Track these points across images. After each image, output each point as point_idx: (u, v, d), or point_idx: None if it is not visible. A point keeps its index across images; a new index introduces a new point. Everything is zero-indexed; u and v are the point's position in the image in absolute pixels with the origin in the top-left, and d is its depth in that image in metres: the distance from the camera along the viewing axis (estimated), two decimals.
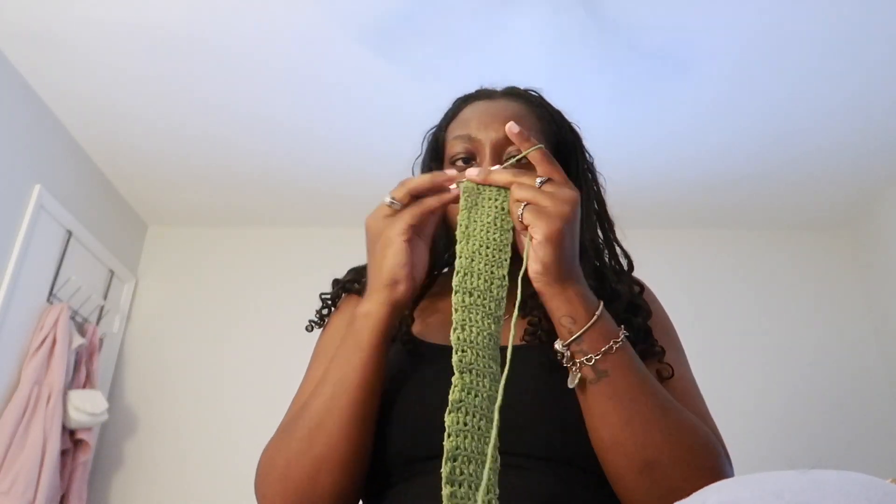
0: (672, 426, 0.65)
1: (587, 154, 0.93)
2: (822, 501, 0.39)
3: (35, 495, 2.15)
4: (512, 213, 0.68)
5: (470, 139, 0.82)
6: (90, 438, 2.49)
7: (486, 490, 0.52)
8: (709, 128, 2.50)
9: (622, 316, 0.76)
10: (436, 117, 0.96)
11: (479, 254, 0.67)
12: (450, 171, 0.73)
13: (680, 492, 0.60)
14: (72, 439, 2.45)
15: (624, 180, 2.55)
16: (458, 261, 0.66)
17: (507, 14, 2.04)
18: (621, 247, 0.89)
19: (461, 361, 0.60)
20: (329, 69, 2.26)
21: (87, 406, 2.41)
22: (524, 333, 0.77)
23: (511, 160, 0.75)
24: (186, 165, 2.78)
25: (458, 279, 0.65)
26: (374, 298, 0.71)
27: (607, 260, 0.88)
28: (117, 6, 2.02)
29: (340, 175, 2.79)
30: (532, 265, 0.65)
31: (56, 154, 2.55)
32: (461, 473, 0.54)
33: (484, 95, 0.91)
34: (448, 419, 0.56)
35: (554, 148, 0.86)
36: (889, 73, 2.22)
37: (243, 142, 2.62)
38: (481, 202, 0.69)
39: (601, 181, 0.92)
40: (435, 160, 0.92)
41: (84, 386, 2.53)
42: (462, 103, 0.92)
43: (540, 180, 0.66)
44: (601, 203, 0.90)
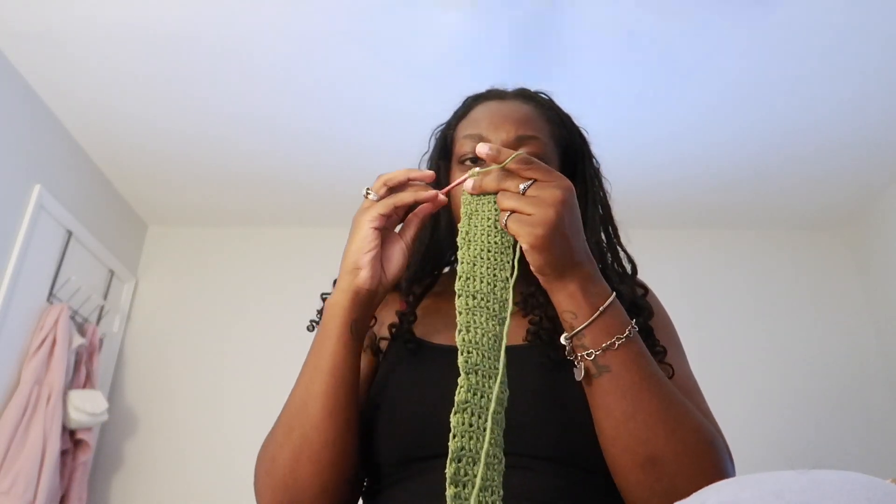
0: (676, 423, 0.65)
1: (594, 160, 0.93)
2: (822, 501, 0.39)
3: (35, 495, 2.15)
4: (500, 223, 0.68)
5: (480, 139, 0.82)
6: (90, 438, 2.49)
7: (490, 491, 0.53)
8: (709, 128, 2.51)
9: None
10: (438, 118, 0.96)
11: (481, 258, 0.67)
12: (427, 171, 0.74)
13: (682, 488, 0.60)
14: (72, 439, 2.45)
15: (623, 180, 2.54)
16: (461, 266, 0.67)
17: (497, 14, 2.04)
18: (625, 251, 0.90)
19: (467, 363, 0.60)
20: (329, 69, 2.26)
21: (87, 406, 2.41)
22: (526, 333, 0.78)
23: (493, 167, 0.69)
24: (186, 165, 2.78)
25: (461, 283, 0.65)
26: (338, 286, 0.73)
27: (610, 262, 0.88)
28: (117, 6, 2.02)
29: (340, 175, 2.79)
30: (531, 266, 0.66)
31: (56, 154, 2.55)
32: (465, 474, 0.55)
33: (495, 95, 0.91)
34: (454, 420, 0.57)
35: (562, 152, 0.86)
36: (889, 74, 2.23)
37: (243, 142, 2.62)
38: (481, 207, 0.70)
39: (607, 187, 0.92)
40: (443, 158, 0.92)
41: (84, 386, 2.53)
42: (473, 102, 0.92)
43: (523, 186, 0.65)
44: (606, 208, 0.91)
